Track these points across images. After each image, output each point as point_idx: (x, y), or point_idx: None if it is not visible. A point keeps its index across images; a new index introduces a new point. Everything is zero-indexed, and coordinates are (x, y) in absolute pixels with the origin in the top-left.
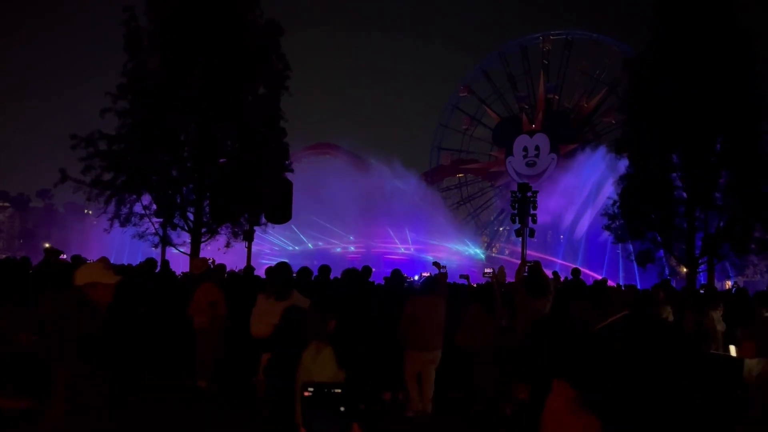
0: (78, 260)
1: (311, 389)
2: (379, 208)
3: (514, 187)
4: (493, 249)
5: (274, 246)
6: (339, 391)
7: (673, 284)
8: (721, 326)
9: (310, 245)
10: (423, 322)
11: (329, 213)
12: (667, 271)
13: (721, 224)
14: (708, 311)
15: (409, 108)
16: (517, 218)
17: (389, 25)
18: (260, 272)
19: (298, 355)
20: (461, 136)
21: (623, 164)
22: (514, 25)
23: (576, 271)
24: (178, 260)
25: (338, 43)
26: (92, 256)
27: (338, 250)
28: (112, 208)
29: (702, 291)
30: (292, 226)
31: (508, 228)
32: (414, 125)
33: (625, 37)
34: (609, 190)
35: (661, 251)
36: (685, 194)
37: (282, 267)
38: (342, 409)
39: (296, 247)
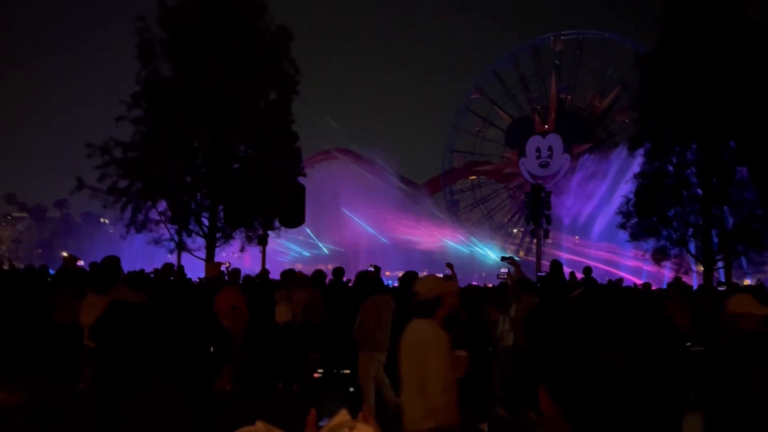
0: (95, 267)
1: (321, 371)
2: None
3: (528, 189)
4: (520, 252)
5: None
6: (348, 372)
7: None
8: None
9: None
10: (377, 322)
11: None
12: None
13: (738, 220)
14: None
15: (421, 111)
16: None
17: (399, 29)
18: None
19: None
20: (473, 139)
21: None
22: (525, 27)
23: (587, 270)
24: (195, 266)
25: (348, 47)
26: None
27: None
28: (128, 214)
29: (721, 288)
30: (307, 230)
31: (522, 229)
32: (426, 128)
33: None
34: (624, 189)
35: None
36: (700, 191)
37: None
38: (351, 389)
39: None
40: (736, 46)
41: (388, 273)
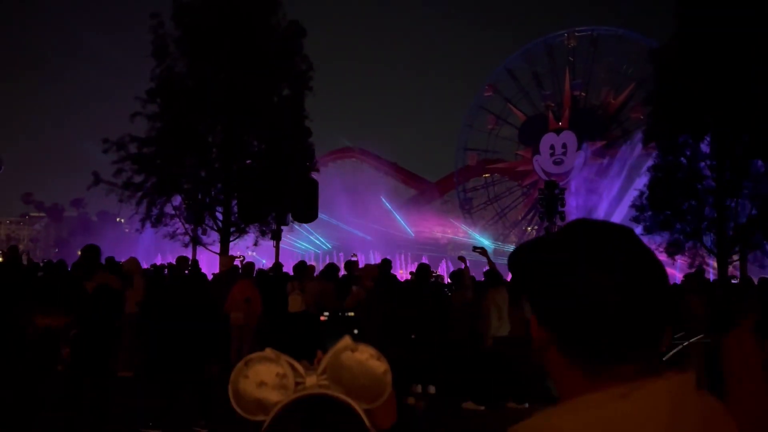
0: (111, 262)
1: (327, 314)
2: None
3: (542, 186)
4: None
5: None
6: (352, 314)
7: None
8: None
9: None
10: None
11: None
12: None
13: (753, 212)
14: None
15: (433, 109)
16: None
17: (412, 27)
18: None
19: None
20: (487, 136)
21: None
22: (538, 24)
23: None
24: (211, 261)
25: (361, 45)
26: (123, 258)
27: None
28: (143, 209)
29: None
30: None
31: (536, 228)
32: (439, 126)
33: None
34: (637, 183)
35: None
36: (714, 183)
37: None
38: (355, 331)
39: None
40: (750, 37)
41: (401, 271)
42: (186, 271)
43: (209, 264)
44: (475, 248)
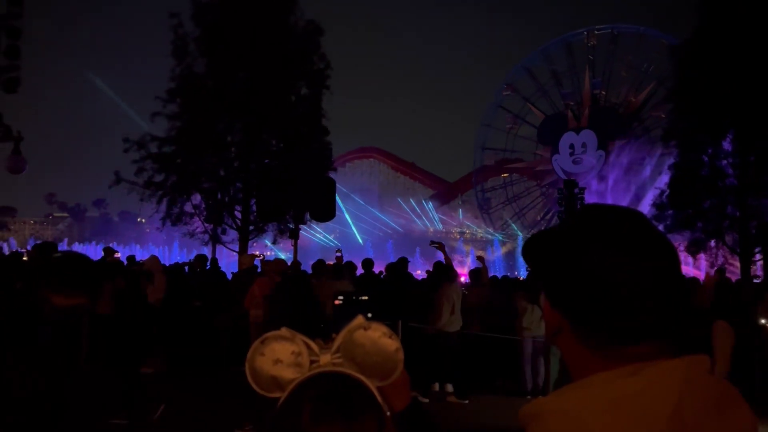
0: (132, 261)
1: (341, 297)
2: None
3: (561, 185)
4: None
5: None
6: (366, 298)
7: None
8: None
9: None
10: None
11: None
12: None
13: None
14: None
15: (451, 109)
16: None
17: (430, 27)
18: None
19: None
20: (505, 136)
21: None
22: (557, 22)
23: None
24: (230, 259)
25: (378, 46)
26: (144, 257)
27: None
28: (163, 208)
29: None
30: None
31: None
32: (457, 126)
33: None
34: (659, 181)
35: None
36: (736, 181)
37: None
38: (369, 315)
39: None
40: None
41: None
42: (198, 269)
43: (226, 265)
44: (432, 242)
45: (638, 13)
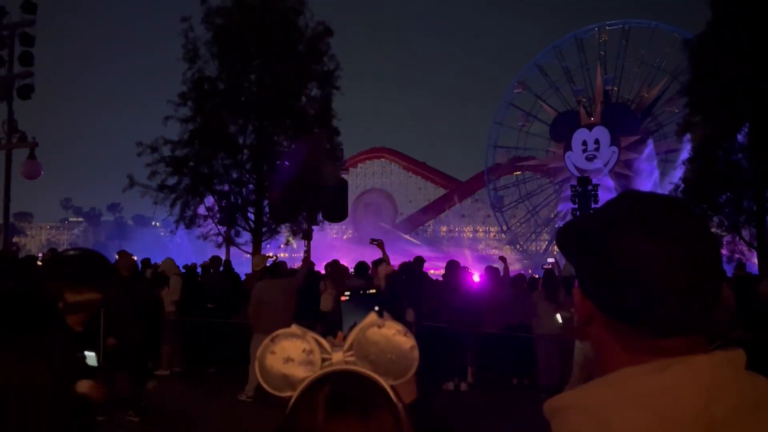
0: (147, 263)
1: (348, 293)
2: None
3: (574, 183)
4: None
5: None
6: (374, 291)
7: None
8: None
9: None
10: (269, 305)
11: None
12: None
13: None
14: None
15: (462, 107)
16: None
17: (440, 24)
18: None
19: None
20: (517, 133)
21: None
22: (568, 19)
23: None
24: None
25: (388, 46)
26: (158, 260)
27: None
28: (177, 210)
29: None
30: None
31: None
32: (468, 124)
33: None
34: (673, 176)
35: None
36: (752, 175)
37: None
38: (376, 308)
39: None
40: None
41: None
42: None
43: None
44: (372, 240)
45: (650, 7)
